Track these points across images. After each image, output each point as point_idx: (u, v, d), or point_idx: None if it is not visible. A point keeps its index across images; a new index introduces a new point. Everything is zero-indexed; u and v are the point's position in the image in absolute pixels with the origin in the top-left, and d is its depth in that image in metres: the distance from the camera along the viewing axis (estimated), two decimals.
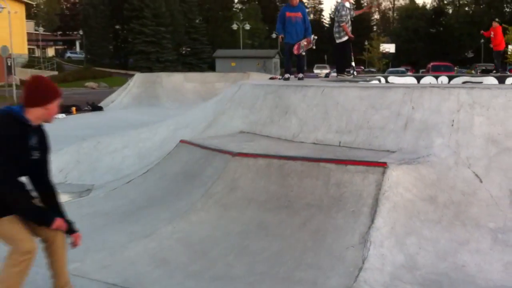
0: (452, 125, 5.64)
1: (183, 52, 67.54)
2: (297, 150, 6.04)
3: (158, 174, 6.83)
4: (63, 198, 7.11)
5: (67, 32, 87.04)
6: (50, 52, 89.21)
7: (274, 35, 47.91)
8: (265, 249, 4.81)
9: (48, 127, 3.79)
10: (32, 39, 66.42)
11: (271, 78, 9.79)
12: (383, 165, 5.17)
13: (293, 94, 6.95)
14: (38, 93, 3.58)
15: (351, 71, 12.12)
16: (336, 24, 11.63)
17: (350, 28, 11.46)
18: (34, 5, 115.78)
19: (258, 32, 76.23)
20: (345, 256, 4.55)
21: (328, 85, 6.96)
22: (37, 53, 70.88)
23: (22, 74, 48.64)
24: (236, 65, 43.20)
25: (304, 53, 9.56)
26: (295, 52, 9.52)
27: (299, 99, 6.82)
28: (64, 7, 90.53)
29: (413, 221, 4.89)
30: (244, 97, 7.94)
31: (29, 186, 3.69)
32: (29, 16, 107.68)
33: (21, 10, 53.73)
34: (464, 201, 5.05)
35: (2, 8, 32.09)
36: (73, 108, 20.20)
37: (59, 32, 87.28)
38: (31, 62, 54.18)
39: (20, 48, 53.13)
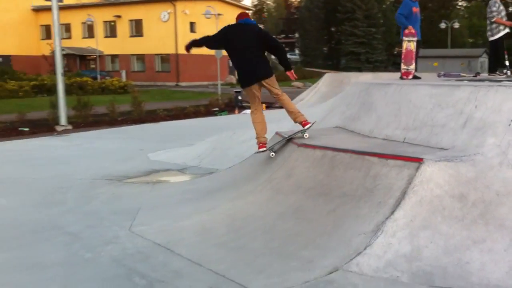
0: (510, 125, 5.47)
1: (395, 52, 66.80)
2: (360, 144, 6.37)
3: (251, 161, 7.68)
4: (188, 177, 8.41)
5: (289, 35, 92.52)
6: None
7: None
8: (288, 230, 5.36)
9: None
10: None
11: (401, 77, 9.83)
12: (419, 160, 5.31)
13: (377, 92, 7.21)
14: None
15: (505, 71, 11.47)
16: (488, 22, 11.19)
17: (505, 19, 10.94)
18: (265, 11, 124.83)
19: (482, 30, 71.88)
20: (353, 242, 4.89)
21: (407, 83, 7.07)
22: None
23: None
24: (439, 65, 41.59)
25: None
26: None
27: (381, 97, 7.07)
28: (289, 11, 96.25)
29: (435, 216, 4.98)
30: (347, 94, 8.35)
31: None
32: (259, 21, 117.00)
33: None
34: (496, 201, 4.96)
35: (217, 14, 35.68)
36: (263, 105, 22.01)
37: (282, 36, 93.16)
38: None
39: None
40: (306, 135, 6.78)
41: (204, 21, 45.97)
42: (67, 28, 55.79)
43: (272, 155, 6.88)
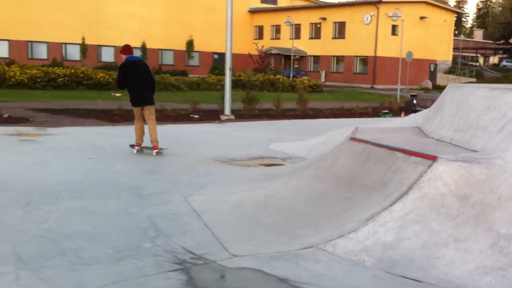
0: None
1: None
2: (409, 142, 6.51)
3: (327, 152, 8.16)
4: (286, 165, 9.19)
5: (510, 41, 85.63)
6: (493, 60, 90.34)
7: None
8: (303, 211, 5.86)
9: None
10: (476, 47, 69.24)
11: None
12: (433, 158, 5.43)
13: (450, 93, 7.15)
14: None
15: None
16: None
17: None
18: (490, 15, 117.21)
19: None
20: (344, 226, 5.25)
21: (474, 85, 6.90)
22: (481, 61, 73.14)
23: (442, 80, 51.27)
24: None
25: None
26: None
27: (450, 98, 7.02)
28: None
29: (431, 212, 5.11)
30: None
31: None
32: (482, 26, 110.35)
33: (450, 19, 56.28)
34: (494, 204, 4.90)
35: (397, 17, 34.90)
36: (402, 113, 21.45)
37: (501, 41, 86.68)
38: (453, 69, 56.29)
39: (444, 55, 55.89)
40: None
41: (407, 24, 45.39)
42: (277, 29, 59.29)
43: (134, 152, 10.08)
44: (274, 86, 34.36)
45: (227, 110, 18.03)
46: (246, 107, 19.46)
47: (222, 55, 60.21)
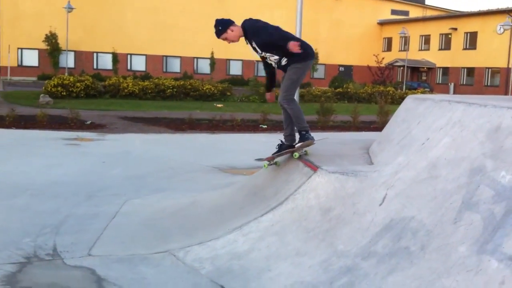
0: (423, 144, 4.76)
1: None
2: (335, 151, 6.20)
3: None
4: None
5: None
6: None
7: None
8: (203, 218, 5.89)
9: None
10: None
11: None
12: (315, 169, 5.19)
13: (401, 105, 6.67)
14: None
15: None
16: None
17: None
18: None
19: None
20: (214, 234, 5.18)
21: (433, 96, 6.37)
22: None
23: None
24: None
25: None
26: None
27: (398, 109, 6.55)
28: None
29: (293, 224, 4.94)
30: None
31: None
32: None
33: None
34: (347, 219, 4.57)
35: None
36: None
37: None
38: None
39: None
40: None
41: None
42: (405, 40, 57.52)
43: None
44: (385, 98, 33.35)
45: None
46: (321, 119, 19.25)
47: (348, 67, 60.35)
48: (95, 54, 51.61)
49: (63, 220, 6.12)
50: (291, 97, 5.88)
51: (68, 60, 45.62)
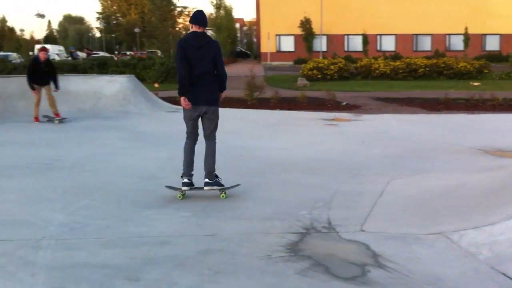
0: None
1: None
2: None
3: None
4: None
5: None
6: None
7: None
8: (474, 200, 5.60)
9: None
10: None
11: None
12: None
13: None
14: None
15: None
16: None
17: None
18: None
19: None
20: (489, 219, 4.93)
21: None
22: None
23: None
24: None
25: None
26: None
27: None
28: None
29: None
30: None
31: None
32: None
33: None
34: None
35: None
36: None
37: None
38: None
39: None
40: None
41: None
42: None
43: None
44: None
45: None
46: None
47: None
48: (345, 37, 52.73)
49: (332, 195, 6.43)
50: None
51: (321, 44, 47.47)
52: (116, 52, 71.58)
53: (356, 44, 52.33)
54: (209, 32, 62.85)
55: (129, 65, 29.24)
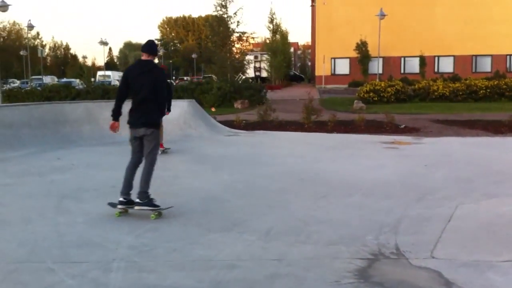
0: None
1: None
2: None
3: None
4: None
5: None
6: None
7: None
8: None
9: None
10: None
11: None
12: None
13: None
14: None
15: None
16: None
17: None
18: None
19: None
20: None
21: None
22: None
23: None
24: None
25: None
26: None
27: None
28: None
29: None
30: None
31: None
32: None
33: None
34: None
35: None
36: None
37: None
38: None
39: None
40: None
41: None
42: None
43: None
44: None
45: None
46: None
47: None
48: (402, 59, 52.04)
49: (399, 220, 6.29)
50: None
51: (378, 66, 47.07)
52: (173, 78, 73.35)
53: (412, 65, 51.50)
54: (265, 56, 63.55)
55: (188, 90, 29.79)
